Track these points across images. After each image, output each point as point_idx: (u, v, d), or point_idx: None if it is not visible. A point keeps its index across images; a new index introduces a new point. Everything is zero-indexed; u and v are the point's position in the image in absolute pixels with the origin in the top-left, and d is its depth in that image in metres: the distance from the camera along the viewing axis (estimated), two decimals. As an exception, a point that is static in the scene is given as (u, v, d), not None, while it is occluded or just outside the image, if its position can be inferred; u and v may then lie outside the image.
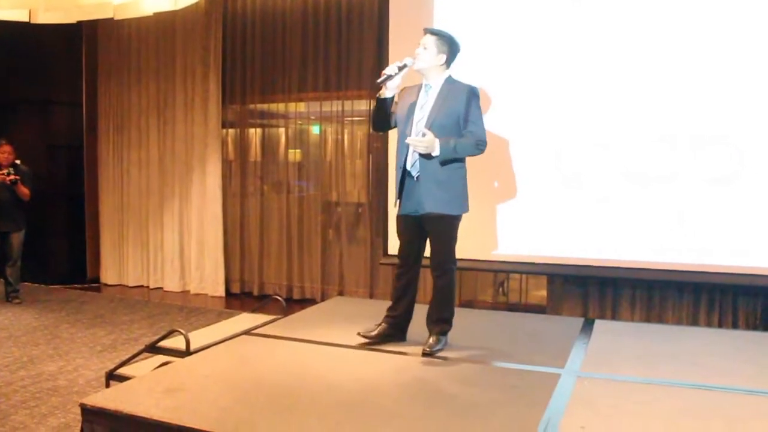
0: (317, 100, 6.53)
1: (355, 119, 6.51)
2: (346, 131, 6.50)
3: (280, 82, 6.62)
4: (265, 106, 6.94)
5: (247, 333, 3.68)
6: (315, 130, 6.86)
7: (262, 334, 3.68)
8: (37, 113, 7.42)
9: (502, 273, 5.59)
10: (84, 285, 7.34)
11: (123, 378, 3.18)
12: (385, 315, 3.45)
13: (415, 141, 3.15)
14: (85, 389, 3.94)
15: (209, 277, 6.95)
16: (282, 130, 6.89)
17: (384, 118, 3.40)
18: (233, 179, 7.03)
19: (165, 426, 2.38)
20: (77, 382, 4.11)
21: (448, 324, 3.35)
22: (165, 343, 3.47)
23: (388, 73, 3.24)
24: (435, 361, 3.17)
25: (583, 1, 4.48)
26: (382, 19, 5.18)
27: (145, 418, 2.43)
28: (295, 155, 6.87)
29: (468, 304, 5.67)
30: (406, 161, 3.27)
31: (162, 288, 7.19)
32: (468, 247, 4.60)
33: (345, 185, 6.58)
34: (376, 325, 3.43)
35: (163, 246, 7.20)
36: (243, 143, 6.99)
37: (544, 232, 4.61)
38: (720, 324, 4.59)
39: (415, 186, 3.25)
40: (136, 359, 3.45)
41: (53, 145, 7.43)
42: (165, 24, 6.92)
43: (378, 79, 3.28)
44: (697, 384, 2.84)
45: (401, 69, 3.26)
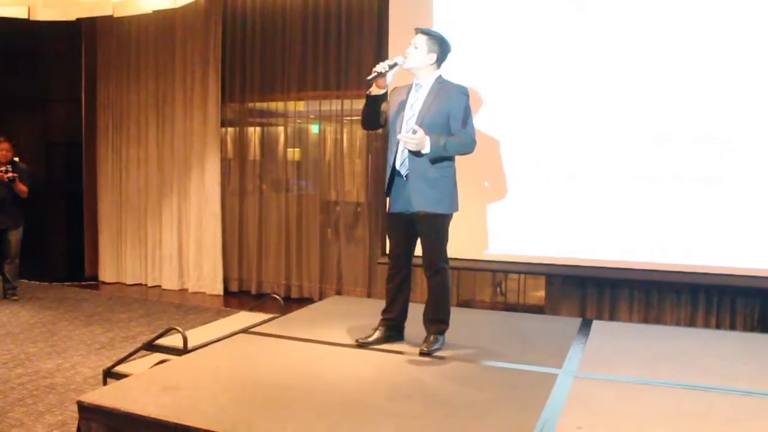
0: (317, 99, 6.53)
1: (355, 119, 6.49)
2: (345, 130, 6.49)
3: (279, 80, 6.61)
4: (265, 104, 6.93)
5: (245, 331, 3.69)
6: (314, 129, 6.86)
7: (259, 332, 3.68)
8: (36, 110, 7.40)
9: (500, 273, 5.59)
10: (82, 282, 7.32)
11: (120, 376, 3.18)
12: (381, 318, 3.46)
13: (406, 138, 3.15)
14: (83, 387, 3.94)
15: (207, 276, 6.95)
16: (281, 128, 6.88)
17: (373, 115, 3.40)
18: (232, 178, 7.02)
19: (162, 424, 2.38)
20: (75, 379, 4.10)
21: (445, 324, 3.36)
22: (162, 341, 3.47)
23: (378, 71, 3.23)
24: (432, 361, 3.17)
25: (575, 3, 4.49)
26: (381, 19, 5.20)
27: (143, 415, 2.44)
28: (294, 154, 6.86)
29: (466, 303, 5.67)
30: (395, 160, 3.28)
31: (160, 286, 7.18)
32: (466, 247, 4.63)
33: (344, 184, 6.57)
34: (373, 330, 3.43)
35: (162, 244, 7.19)
36: (242, 142, 6.98)
37: (542, 232, 4.62)
38: (718, 325, 4.60)
39: (405, 185, 3.25)
40: (133, 357, 3.45)
41: (52, 143, 7.41)
42: (164, 22, 6.91)
43: (368, 76, 3.28)
44: (695, 385, 2.85)
45: (392, 67, 3.27)
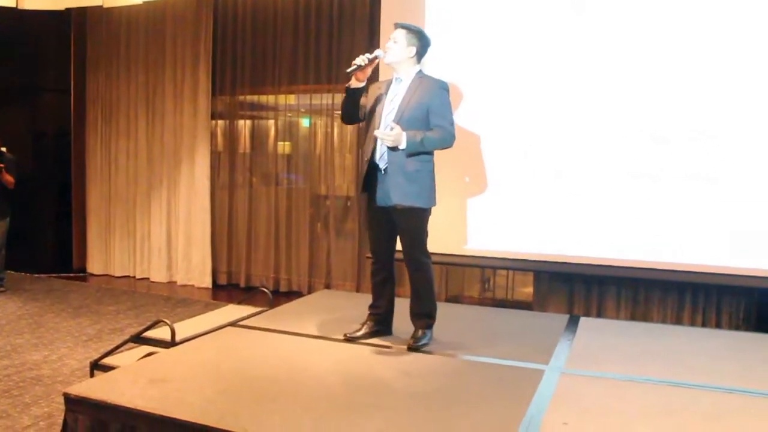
0: (307, 92, 6.51)
1: (345, 113, 6.48)
2: (335, 125, 6.48)
3: (270, 74, 6.59)
4: (255, 97, 6.91)
5: (233, 324, 3.69)
6: (305, 123, 6.84)
7: (248, 325, 3.68)
8: (25, 101, 7.35)
9: (488, 269, 5.61)
10: (70, 274, 7.29)
11: (107, 368, 3.17)
12: (369, 313, 3.48)
13: (383, 134, 3.15)
14: (70, 379, 3.92)
15: (196, 268, 6.93)
16: (272, 122, 6.86)
17: (353, 109, 3.41)
18: (222, 171, 6.99)
19: (149, 416, 2.38)
20: (61, 371, 4.08)
21: (431, 318, 3.37)
22: (150, 334, 3.46)
23: (358, 63, 3.24)
24: (420, 356, 3.18)
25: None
26: (373, 12, 5.19)
27: (130, 408, 2.43)
28: (285, 148, 6.84)
29: (454, 299, 5.69)
30: (374, 154, 3.28)
31: (148, 278, 7.16)
32: (455, 243, 4.64)
33: (334, 178, 6.56)
34: (361, 324, 3.45)
35: (150, 236, 7.16)
36: (232, 135, 6.96)
37: (531, 228, 4.63)
38: (704, 323, 4.64)
39: (383, 179, 3.25)
40: (121, 349, 3.44)
41: (40, 133, 7.36)
42: (155, 13, 6.87)
43: (348, 69, 3.28)
44: (680, 382, 2.87)
45: (371, 60, 3.27)
